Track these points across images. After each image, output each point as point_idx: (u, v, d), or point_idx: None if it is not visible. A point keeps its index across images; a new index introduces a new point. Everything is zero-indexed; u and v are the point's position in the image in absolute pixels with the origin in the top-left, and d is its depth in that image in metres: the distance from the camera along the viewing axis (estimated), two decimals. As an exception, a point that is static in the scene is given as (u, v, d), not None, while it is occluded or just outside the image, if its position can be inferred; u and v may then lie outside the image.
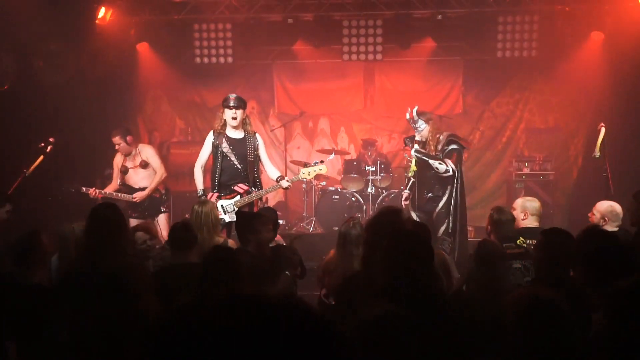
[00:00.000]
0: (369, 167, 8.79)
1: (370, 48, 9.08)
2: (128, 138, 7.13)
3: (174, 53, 9.55)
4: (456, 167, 6.33)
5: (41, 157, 6.61)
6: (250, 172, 6.06)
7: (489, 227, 4.73)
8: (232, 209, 5.94)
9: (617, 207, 4.94)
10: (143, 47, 9.45)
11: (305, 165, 6.70)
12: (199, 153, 10.03)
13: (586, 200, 6.95)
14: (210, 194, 6.06)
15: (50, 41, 7.84)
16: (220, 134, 6.16)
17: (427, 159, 6.34)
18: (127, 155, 7.15)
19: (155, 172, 7.19)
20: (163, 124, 10.26)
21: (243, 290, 0.89)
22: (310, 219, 8.89)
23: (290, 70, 10.12)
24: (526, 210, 5.02)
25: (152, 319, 0.80)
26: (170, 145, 10.14)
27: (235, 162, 6.08)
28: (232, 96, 6.13)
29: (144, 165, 7.13)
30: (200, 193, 6.11)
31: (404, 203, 6.82)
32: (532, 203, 5.18)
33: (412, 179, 6.74)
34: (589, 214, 5.21)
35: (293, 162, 9.50)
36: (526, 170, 9.10)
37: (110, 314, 2.62)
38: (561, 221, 8.67)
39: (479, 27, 8.99)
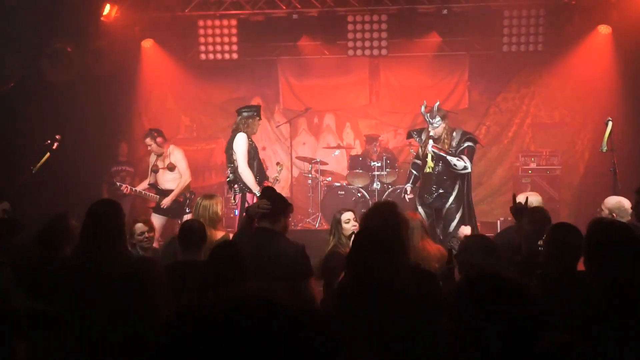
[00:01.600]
0: (375, 163, 8.77)
1: (376, 43, 9.05)
2: (158, 139, 7.29)
3: (179, 49, 9.56)
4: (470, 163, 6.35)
5: (47, 155, 6.63)
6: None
7: None
8: None
9: (625, 202, 4.92)
10: (148, 44, 9.47)
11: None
12: (204, 149, 10.13)
13: (593, 195, 6.94)
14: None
15: (55, 39, 7.86)
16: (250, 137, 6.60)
17: (445, 155, 6.34)
18: (159, 155, 7.33)
19: (181, 175, 7.32)
20: (168, 120, 10.26)
21: (247, 286, 0.90)
22: (316, 214, 8.89)
23: (295, 66, 10.11)
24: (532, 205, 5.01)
25: (166, 317, 0.81)
26: (176, 142, 10.12)
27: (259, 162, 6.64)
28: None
29: (171, 168, 7.32)
30: (258, 194, 6.13)
31: (407, 198, 6.82)
32: (536, 198, 5.19)
33: (415, 173, 6.75)
34: (598, 210, 5.18)
35: (299, 158, 9.51)
36: (532, 166, 9.07)
37: (128, 311, 2.62)
38: (568, 216, 8.64)
39: (485, 21, 8.95)
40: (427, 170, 6.49)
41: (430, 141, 6.42)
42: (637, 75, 8.21)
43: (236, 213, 6.55)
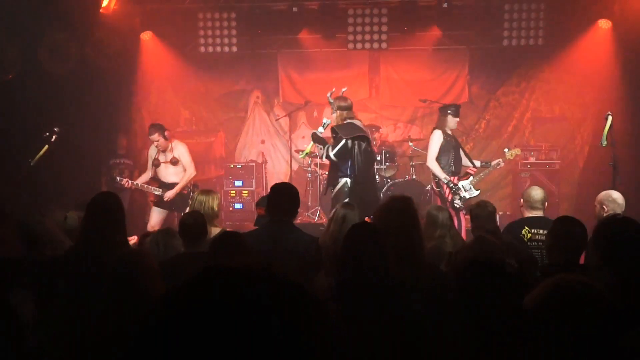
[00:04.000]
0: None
1: (376, 37, 9.03)
2: (166, 133, 7.34)
3: (179, 42, 9.53)
4: (339, 156, 6.19)
5: (46, 147, 6.61)
6: None
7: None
8: (469, 187, 7.00)
9: (614, 193, 4.91)
10: (147, 36, 9.43)
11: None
12: (203, 143, 10.11)
13: (592, 189, 6.90)
14: (453, 177, 6.98)
15: (55, 30, 7.82)
16: (446, 131, 7.05)
17: (318, 142, 6.31)
18: (163, 150, 7.31)
19: (184, 170, 7.36)
20: (167, 113, 10.23)
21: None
22: (315, 208, 8.89)
23: (295, 60, 10.08)
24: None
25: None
26: (175, 135, 10.10)
27: (460, 153, 7.22)
28: None
29: (175, 162, 7.33)
30: (445, 180, 6.92)
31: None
32: (536, 192, 5.20)
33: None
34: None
35: (297, 151, 9.49)
36: (532, 160, 9.07)
37: (120, 303, 2.63)
38: (567, 210, 8.64)
39: (485, 15, 8.93)
40: (301, 155, 6.39)
41: (320, 128, 6.37)
42: (637, 69, 8.19)
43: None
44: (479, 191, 7.13)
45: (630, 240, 2.73)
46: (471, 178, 7.12)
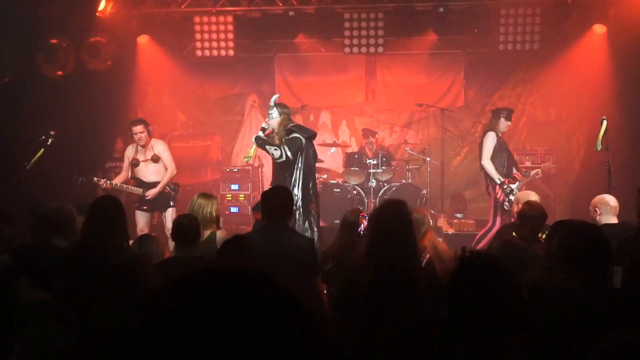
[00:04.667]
0: (371, 160, 8.77)
1: (372, 41, 9.05)
2: (150, 128, 7.19)
3: (175, 46, 9.54)
4: (295, 155, 6.13)
5: (42, 150, 6.60)
6: None
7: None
8: (517, 191, 7.01)
9: (608, 197, 4.93)
10: (144, 40, 9.43)
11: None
12: (200, 146, 10.10)
13: (588, 193, 6.92)
14: (505, 179, 7.07)
15: (51, 34, 7.83)
16: (499, 133, 7.19)
17: (264, 145, 6.17)
18: (142, 146, 7.13)
19: (166, 168, 7.19)
20: (164, 116, 10.25)
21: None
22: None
23: (291, 63, 10.09)
24: (520, 203, 5.11)
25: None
26: (171, 139, 10.13)
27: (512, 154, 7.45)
28: None
29: (156, 159, 7.13)
30: (499, 182, 7.03)
31: None
32: (527, 195, 5.24)
33: None
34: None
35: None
36: (528, 164, 9.08)
37: (121, 301, 2.62)
38: (563, 214, 8.66)
39: (481, 19, 8.96)
40: (245, 159, 6.32)
41: (260, 132, 6.24)
42: (631, 74, 8.23)
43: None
44: None
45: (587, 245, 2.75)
46: (518, 183, 7.18)
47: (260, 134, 6.26)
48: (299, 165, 6.23)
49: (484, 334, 1.90)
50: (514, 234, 4.79)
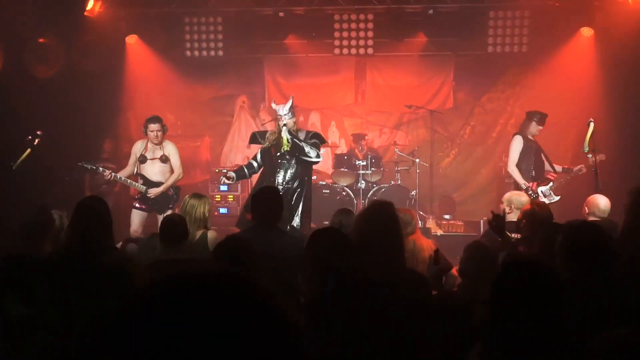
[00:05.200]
0: (360, 162, 8.79)
1: (362, 42, 9.07)
2: (166, 128, 7.17)
3: (165, 46, 9.49)
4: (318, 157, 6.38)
5: (29, 150, 6.55)
6: None
7: None
8: (549, 192, 7.15)
9: (598, 198, 5.00)
10: (133, 40, 9.39)
11: None
12: (189, 147, 10.06)
13: (576, 195, 6.98)
14: (533, 183, 7.13)
15: (39, 34, 7.77)
16: (528, 136, 7.28)
17: (298, 141, 6.23)
18: (155, 144, 7.07)
19: (172, 169, 7.15)
20: (153, 117, 10.18)
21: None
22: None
23: (281, 65, 10.09)
24: (511, 205, 5.15)
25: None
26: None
27: (542, 157, 7.44)
28: None
29: (164, 159, 7.08)
30: (524, 187, 7.05)
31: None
32: (518, 198, 5.27)
33: (246, 171, 6.59)
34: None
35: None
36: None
37: (110, 305, 2.59)
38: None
39: (470, 22, 9.00)
40: (285, 148, 6.23)
41: (285, 127, 6.24)
42: (618, 76, 8.30)
43: None
44: (559, 197, 7.19)
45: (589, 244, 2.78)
46: (551, 184, 7.21)
47: (285, 128, 6.25)
48: (307, 172, 6.40)
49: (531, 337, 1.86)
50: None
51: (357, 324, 2.52)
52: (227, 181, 6.57)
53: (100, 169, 6.94)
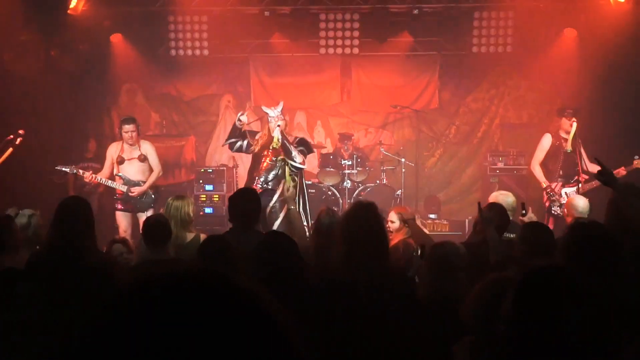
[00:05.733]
0: (345, 161, 8.79)
1: (347, 42, 9.08)
2: (141, 129, 7.18)
3: (149, 45, 9.43)
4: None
5: (10, 150, 6.47)
6: None
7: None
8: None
9: (576, 198, 5.04)
10: (117, 39, 9.30)
11: None
12: (174, 147, 10.00)
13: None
14: (556, 184, 6.97)
15: (21, 32, 7.68)
16: (559, 135, 7.05)
17: (288, 144, 6.26)
18: (130, 145, 7.06)
19: (151, 168, 7.15)
20: (138, 116, 9.94)
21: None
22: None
23: (267, 64, 10.06)
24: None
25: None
26: (145, 139, 10.00)
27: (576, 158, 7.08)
28: None
29: (142, 159, 7.08)
30: (544, 186, 7.01)
31: None
32: (505, 198, 5.25)
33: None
34: None
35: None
36: (500, 165, 9.18)
37: (93, 306, 2.55)
38: (535, 215, 8.75)
39: (455, 22, 9.04)
40: (275, 145, 6.23)
41: (278, 127, 6.27)
42: (600, 77, 8.40)
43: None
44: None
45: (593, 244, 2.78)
46: (579, 185, 6.98)
47: (278, 129, 6.27)
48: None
49: None
50: None
51: (342, 326, 2.52)
52: (242, 118, 6.54)
53: (81, 171, 6.92)
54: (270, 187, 6.33)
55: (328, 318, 2.56)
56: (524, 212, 4.98)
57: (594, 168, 6.77)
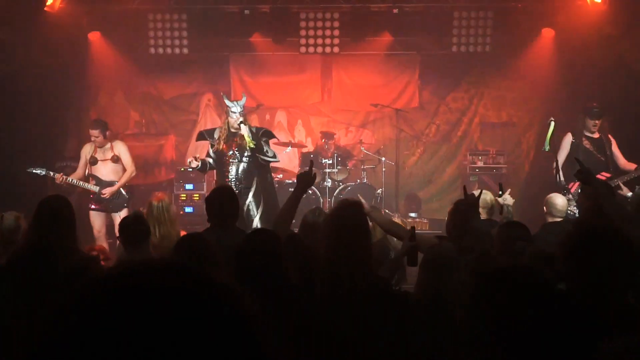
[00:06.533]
0: (326, 160, 8.80)
1: (328, 41, 9.08)
2: (107, 132, 7.19)
3: (128, 43, 9.33)
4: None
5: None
6: None
7: None
8: None
9: (555, 197, 5.07)
10: (95, 37, 9.20)
11: None
12: (153, 145, 9.92)
13: (538, 193, 7.11)
14: (572, 184, 6.71)
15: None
16: (581, 134, 6.88)
17: (262, 144, 6.21)
18: (100, 147, 7.10)
19: (124, 168, 7.19)
20: (117, 115, 10.00)
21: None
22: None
23: (247, 63, 10.03)
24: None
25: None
26: (124, 138, 9.89)
27: (599, 156, 6.86)
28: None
29: (115, 160, 7.12)
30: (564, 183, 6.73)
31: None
32: (484, 196, 5.27)
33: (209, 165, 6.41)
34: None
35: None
36: (480, 164, 9.27)
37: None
38: (514, 214, 8.83)
39: (435, 22, 9.08)
40: (251, 145, 6.09)
41: (244, 125, 6.13)
42: (578, 76, 8.51)
43: None
44: None
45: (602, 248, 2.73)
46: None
47: (243, 126, 6.15)
48: (262, 167, 6.42)
49: None
50: None
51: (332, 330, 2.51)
52: (193, 165, 6.38)
53: (51, 173, 6.92)
54: (244, 185, 6.25)
55: (313, 319, 2.56)
56: (500, 192, 4.98)
57: (630, 166, 6.78)
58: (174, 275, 0.75)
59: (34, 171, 6.91)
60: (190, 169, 6.58)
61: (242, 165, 6.28)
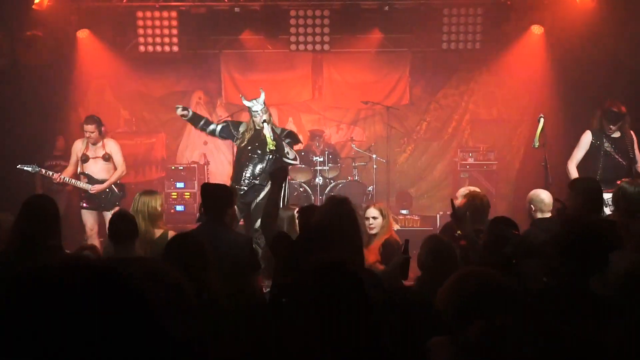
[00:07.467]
0: (317, 158, 8.80)
1: (318, 38, 9.06)
2: (102, 128, 7.15)
3: (118, 41, 9.30)
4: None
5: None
6: None
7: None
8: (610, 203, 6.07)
9: (542, 193, 5.04)
10: (84, 34, 9.14)
11: None
12: (144, 144, 9.89)
13: (528, 189, 7.08)
14: None
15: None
16: (601, 133, 6.38)
17: (280, 140, 6.19)
18: (93, 144, 7.04)
19: (115, 167, 7.14)
20: (107, 114, 9.87)
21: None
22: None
23: (237, 60, 10.00)
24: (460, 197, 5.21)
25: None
26: (115, 136, 9.84)
27: (619, 159, 6.33)
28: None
29: (107, 158, 7.07)
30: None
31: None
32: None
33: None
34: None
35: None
36: (470, 161, 9.30)
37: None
38: (505, 210, 8.87)
39: (425, 19, 9.10)
40: (271, 147, 6.10)
41: (267, 125, 6.13)
42: (566, 73, 8.54)
43: None
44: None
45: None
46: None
47: (266, 125, 6.11)
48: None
49: None
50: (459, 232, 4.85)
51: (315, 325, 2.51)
52: (179, 112, 6.35)
53: (43, 170, 6.90)
54: (258, 182, 6.22)
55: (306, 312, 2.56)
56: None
57: None
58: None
59: (24, 168, 6.87)
60: (181, 116, 6.47)
61: (260, 165, 6.25)
